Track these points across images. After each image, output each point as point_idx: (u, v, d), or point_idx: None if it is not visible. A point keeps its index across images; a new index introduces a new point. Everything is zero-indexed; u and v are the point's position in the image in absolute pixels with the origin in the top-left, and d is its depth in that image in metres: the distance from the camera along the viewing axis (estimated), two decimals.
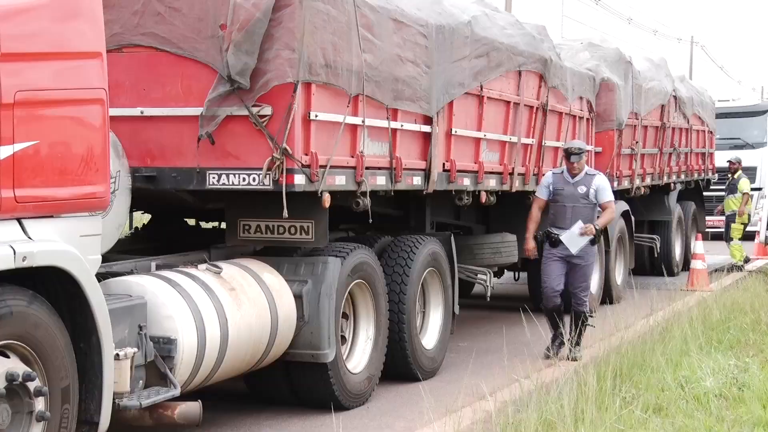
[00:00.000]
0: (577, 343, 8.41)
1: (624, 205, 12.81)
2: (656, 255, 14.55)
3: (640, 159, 13.14)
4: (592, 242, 8.56)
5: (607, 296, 12.09)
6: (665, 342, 7.85)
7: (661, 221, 14.90)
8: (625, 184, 12.81)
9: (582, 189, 8.60)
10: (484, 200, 8.89)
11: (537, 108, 9.94)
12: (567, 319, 8.71)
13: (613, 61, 12.31)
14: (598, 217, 8.75)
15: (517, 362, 7.16)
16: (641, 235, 14.32)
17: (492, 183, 9.03)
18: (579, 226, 8.45)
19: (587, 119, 11.65)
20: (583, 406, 5.61)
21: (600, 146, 12.16)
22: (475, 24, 8.46)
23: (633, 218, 13.18)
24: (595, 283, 11.79)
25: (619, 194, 12.94)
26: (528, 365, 7.09)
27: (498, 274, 10.95)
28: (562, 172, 8.77)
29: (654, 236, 14.51)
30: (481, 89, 8.62)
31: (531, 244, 8.76)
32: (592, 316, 8.71)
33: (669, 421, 5.82)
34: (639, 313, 9.26)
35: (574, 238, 8.44)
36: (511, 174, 9.38)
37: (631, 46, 19.43)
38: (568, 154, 8.67)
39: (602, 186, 8.67)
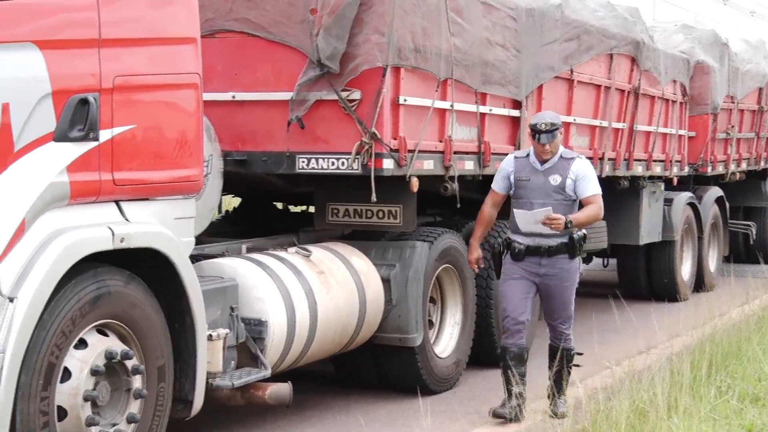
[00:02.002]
0: (560, 392, 6.15)
1: (718, 191, 12.51)
2: (752, 242, 14.16)
3: (735, 144, 12.79)
4: (571, 253, 6.05)
5: (701, 283, 11.85)
6: (762, 331, 7.64)
7: (757, 207, 14.48)
8: (720, 169, 12.51)
9: (555, 179, 6.02)
10: None
11: (628, 92, 9.76)
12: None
13: (708, 43, 12.00)
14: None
15: (607, 349, 7.07)
16: (736, 221, 13.96)
17: None
18: (545, 212, 5.91)
19: (681, 103, 11.39)
20: (677, 395, 5.51)
21: (694, 131, 11.88)
22: (566, 6, 8.34)
23: (727, 204, 12.86)
24: (687, 270, 11.58)
25: (713, 179, 12.67)
26: (619, 352, 6.99)
27: (587, 260, 10.80)
28: (528, 155, 6.14)
29: (749, 222, 14.13)
30: (572, 73, 8.50)
31: (475, 254, 6.36)
32: (579, 354, 6.33)
33: (766, 412, 5.67)
34: (734, 301, 9.03)
35: (529, 221, 6.00)
36: (601, 159, 9.24)
37: (727, 27, 18.92)
38: (536, 132, 6.01)
39: (583, 173, 6.06)
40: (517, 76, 7.57)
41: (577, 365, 6.30)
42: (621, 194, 10.08)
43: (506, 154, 7.62)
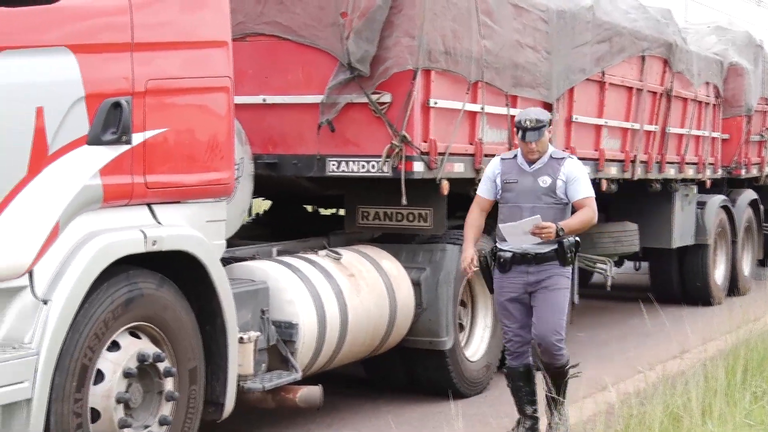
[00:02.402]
0: (559, 412, 5.62)
1: (752, 194, 12.37)
2: None
3: None
4: (561, 261, 5.55)
5: (734, 287, 11.72)
6: None
7: None
8: (754, 171, 12.38)
9: (545, 181, 5.56)
10: (604, 188, 8.70)
11: (660, 94, 9.68)
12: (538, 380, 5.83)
13: (742, 45, 11.88)
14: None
15: (640, 353, 7.00)
16: None
17: (613, 171, 8.84)
18: (534, 221, 5.43)
19: (714, 105, 11.28)
20: (711, 401, 5.44)
21: (727, 133, 11.76)
22: (597, 8, 8.29)
23: (762, 207, 12.72)
24: (721, 274, 11.46)
25: (747, 182, 12.53)
26: (652, 356, 6.92)
27: (618, 263, 10.73)
28: (515, 156, 5.66)
29: None
30: (603, 75, 8.45)
31: (468, 253, 5.63)
32: (574, 367, 5.73)
33: None
34: None
35: (517, 233, 5.49)
36: (633, 162, 9.17)
37: (760, 29, 18.71)
38: (522, 129, 5.53)
39: (575, 174, 5.58)
40: (547, 79, 7.54)
41: (577, 375, 5.73)
42: (653, 197, 10.00)
43: None
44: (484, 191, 5.75)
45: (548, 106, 7.64)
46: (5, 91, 3.86)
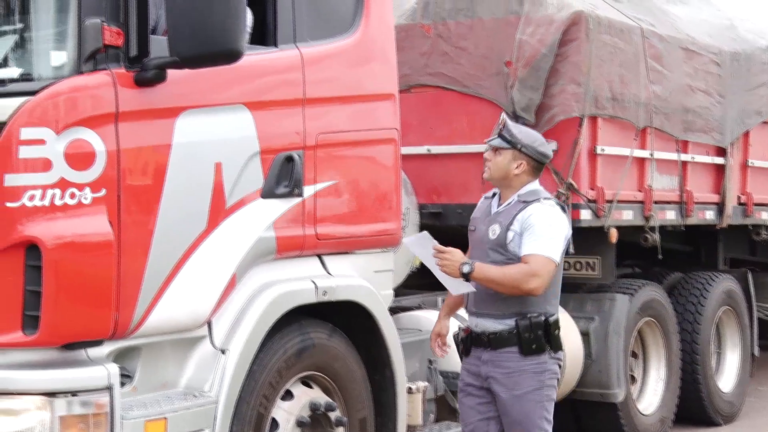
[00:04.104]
0: None
1: None
2: None
3: None
4: (522, 347, 4.09)
5: None
6: None
7: None
8: None
9: (494, 231, 4.21)
10: None
11: None
12: None
13: None
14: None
15: None
16: None
17: None
18: (429, 240, 4.25)
19: None
20: None
21: None
22: None
23: None
24: None
25: None
26: None
27: None
28: (495, 194, 4.40)
29: None
30: None
31: (435, 328, 4.52)
32: None
33: None
34: None
35: (425, 256, 4.24)
36: None
37: None
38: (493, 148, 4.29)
39: (531, 222, 4.13)
40: (721, 123, 7.30)
41: None
42: None
43: (712, 204, 7.30)
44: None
45: (722, 151, 7.41)
46: (187, 149, 4.03)
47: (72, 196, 3.68)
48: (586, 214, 6.17)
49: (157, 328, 3.96)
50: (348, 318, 4.80)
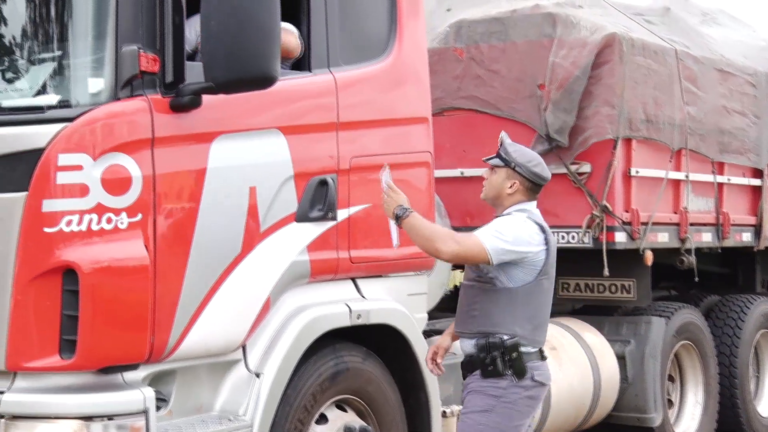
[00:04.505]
0: None
1: None
2: None
3: None
4: (482, 370, 3.99)
5: None
6: None
7: None
8: None
9: None
10: None
11: None
12: None
13: None
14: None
15: None
16: None
17: None
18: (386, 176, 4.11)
19: None
20: None
21: None
22: None
23: None
24: None
25: None
26: None
27: None
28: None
29: None
30: None
31: (434, 344, 4.45)
32: None
33: None
34: None
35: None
36: None
37: None
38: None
39: (490, 223, 4.12)
40: (757, 144, 7.25)
41: None
42: None
43: (748, 226, 7.23)
44: None
45: (758, 173, 7.35)
46: (222, 173, 4.05)
47: (109, 221, 3.71)
48: (620, 237, 6.13)
49: (193, 352, 3.97)
50: (382, 341, 4.79)
